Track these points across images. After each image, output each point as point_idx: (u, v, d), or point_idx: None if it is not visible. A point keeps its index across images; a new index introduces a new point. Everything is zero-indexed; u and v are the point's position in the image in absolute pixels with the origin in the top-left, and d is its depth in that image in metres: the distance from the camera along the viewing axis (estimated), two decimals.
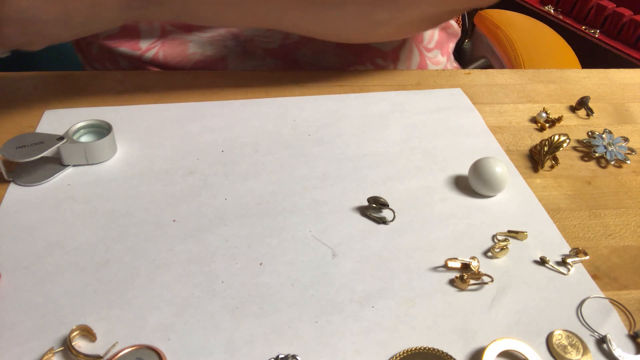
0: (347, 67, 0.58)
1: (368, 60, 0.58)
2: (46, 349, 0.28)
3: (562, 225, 0.38)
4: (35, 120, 0.45)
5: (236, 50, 0.55)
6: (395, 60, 0.59)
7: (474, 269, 0.33)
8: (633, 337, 0.30)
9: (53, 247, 0.33)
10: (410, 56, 0.60)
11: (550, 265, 0.34)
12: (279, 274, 0.32)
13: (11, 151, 0.37)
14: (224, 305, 0.30)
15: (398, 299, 0.31)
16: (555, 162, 0.43)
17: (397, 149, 0.44)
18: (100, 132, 0.42)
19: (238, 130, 0.45)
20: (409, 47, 0.60)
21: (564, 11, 1.33)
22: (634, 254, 0.36)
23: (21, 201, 0.37)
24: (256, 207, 0.37)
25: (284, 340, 0.29)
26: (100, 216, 0.36)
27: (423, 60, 0.62)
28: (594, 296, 0.32)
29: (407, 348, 0.28)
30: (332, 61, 0.57)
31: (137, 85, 0.51)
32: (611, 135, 0.46)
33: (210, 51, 0.55)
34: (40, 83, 0.51)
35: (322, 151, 0.43)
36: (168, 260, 0.33)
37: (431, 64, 0.63)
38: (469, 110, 0.50)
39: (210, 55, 0.55)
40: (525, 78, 0.57)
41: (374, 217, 0.37)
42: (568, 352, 0.29)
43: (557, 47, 0.88)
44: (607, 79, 0.58)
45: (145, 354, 0.27)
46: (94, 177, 0.39)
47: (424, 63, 0.62)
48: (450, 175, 0.41)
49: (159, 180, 0.39)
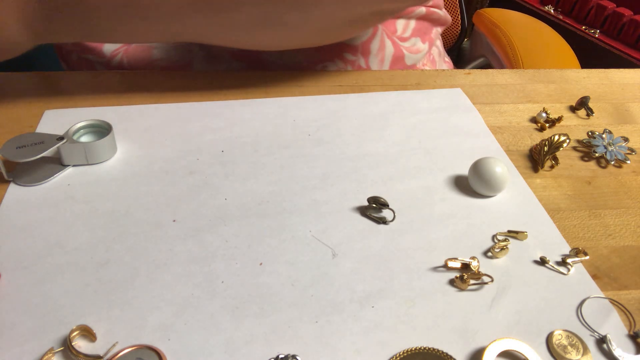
0: (315, 64, 0.56)
1: (336, 56, 0.57)
2: (46, 349, 0.28)
3: (562, 225, 0.38)
4: (35, 120, 0.45)
5: (201, 54, 0.55)
6: (366, 53, 0.57)
7: (474, 269, 0.33)
8: (633, 337, 0.30)
9: (53, 247, 0.33)
10: (382, 47, 0.58)
11: (550, 265, 0.34)
12: (279, 274, 0.32)
13: (11, 151, 0.37)
14: (224, 305, 0.30)
15: (398, 299, 0.31)
16: (555, 162, 0.43)
17: (397, 149, 0.44)
18: (100, 132, 0.42)
19: (238, 130, 0.45)
20: (380, 38, 0.58)
21: (564, 11, 1.33)
22: (634, 254, 0.36)
23: (21, 201, 0.37)
24: (256, 207, 0.37)
25: (284, 340, 0.29)
26: (100, 216, 0.36)
27: (398, 50, 0.60)
28: (594, 296, 0.32)
29: (407, 348, 0.28)
30: (298, 59, 0.56)
31: (137, 85, 0.51)
32: (611, 135, 0.46)
33: (175, 56, 0.54)
34: (40, 83, 0.51)
35: (322, 151, 0.43)
36: (168, 260, 0.33)
37: (409, 53, 0.61)
38: (469, 110, 0.50)
39: (176, 60, 0.55)
40: (525, 78, 0.57)
41: (374, 217, 0.37)
42: (568, 352, 0.29)
43: (557, 46, 0.88)
44: (607, 79, 0.58)
45: (145, 354, 0.27)
46: (94, 177, 0.39)
47: (399, 53, 0.60)
48: (450, 175, 0.41)
49: (159, 180, 0.39)
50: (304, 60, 0.56)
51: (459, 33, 0.98)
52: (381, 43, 0.58)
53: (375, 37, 0.57)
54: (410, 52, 0.61)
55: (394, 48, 0.59)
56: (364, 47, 0.57)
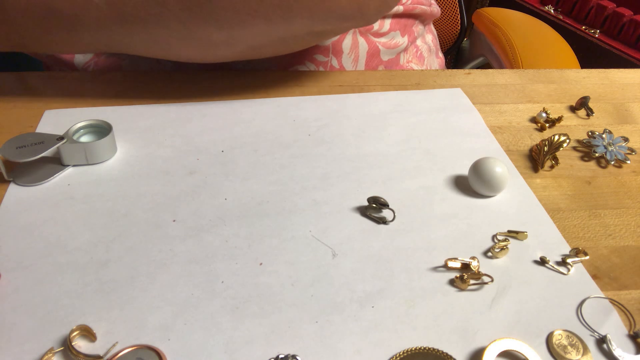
0: (285, 67, 0.56)
1: (306, 58, 0.56)
2: (46, 349, 0.28)
3: (562, 225, 0.38)
4: (35, 120, 0.45)
5: (169, 63, 0.54)
6: (338, 53, 0.56)
7: (474, 269, 0.33)
8: (633, 337, 0.30)
9: (53, 247, 0.33)
10: (355, 45, 0.57)
11: (550, 265, 0.34)
12: (279, 274, 0.32)
13: (11, 151, 0.37)
14: (224, 305, 0.30)
15: (398, 299, 0.31)
16: (555, 162, 0.43)
17: (397, 149, 0.44)
18: (100, 132, 0.42)
19: (238, 130, 0.45)
20: (352, 37, 0.56)
21: (564, 11, 1.33)
22: (634, 254, 0.36)
23: (21, 201, 0.37)
24: (256, 207, 0.37)
25: (284, 340, 0.29)
26: (100, 216, 0.36)
27: (373, 46, 0.58)
28: (594, 296, 0.32)
29: (407, 348, 0.28)
30: (268, 63, 0.55)
31: (137, 85, 0.51)
32: (611, 135, 0.46)
33: (144, 66, 0.54)
34: (40, 83, 0.51)
35: (322, 151, 0.43)
36: (168, 260, 0.33)
37: (384, 48, 0.59)
38: (469, 110, 0.50)
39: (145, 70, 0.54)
40: (525, 78, 0.57)
41: (374, 217, 0.37)
42: (568, 352, 0.29)
43: (557, 46, 0.88)
44: (607, 79, 0.58)
45: (145, 354, 0.27)
46: (94, 177, 0.39)
47: (374, 48, 0.58)
48: (450, 175, 0.41)
49: (159, 180, 0.39)
50: (273, 65, 0.55)
51: (459, 32, 0.98)
52: (354, 41, 0.57)
53: (347, 36, 0.56)
54: (387, 47, 0.59)
55: (368, 44, 0.58)
56: (335, 48, 0.56)
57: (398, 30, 0.60)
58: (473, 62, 1.00)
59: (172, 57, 0.46)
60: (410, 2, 0.60)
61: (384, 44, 0.59)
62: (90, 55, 0.54)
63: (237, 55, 0.46)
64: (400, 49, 0.61)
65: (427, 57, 0.68)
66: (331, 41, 0.55)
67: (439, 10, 0.67)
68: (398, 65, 0.62)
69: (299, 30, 0.43)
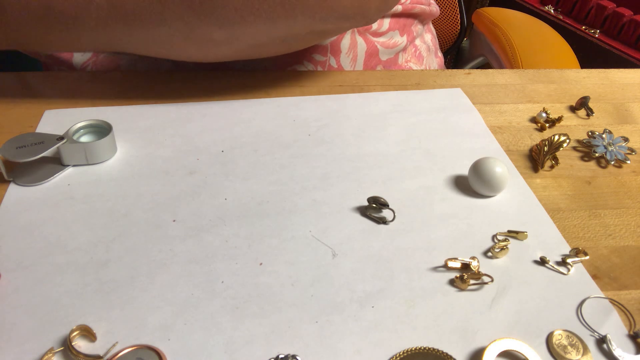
0: (283, 66, 0.55)
1: (304, 58, 0.56)
2: (46, 349, 0.28)
3: (562, 225, 0.38)
4: (35, 120, 0.45)
5: (168, 63, 0.54)
6: (336, 52, 0.56)
7: (474, 269, 0.33)
8: (633, 337, 0.30)
9: (53, 247, 0.33)
10: (354, 45, 0.57)
11: (550, 265, 0.34)
12: (279, 274, 0.32)
13: (11, 151, 0.37)
14: (224, 305, 0.30)
15: (398, 299, 0.31)
16: (555, 162, 0.43)
17: (397, 149, 0.44)
18: (100, 132, 0.42)
19: (238, 130, 0.45)
20: (351, 36, 0.56)
21: (564, 11, 1.33)
22: (634, 254, 0.36)
23: (21, 201, 0.37)
24: (256, 207, 0.37)
25: (284, 340, 0.29)
26: (100, 216, 0.36)
27: (372, 46, 0.58)
28: (594, 296, 0.32)
29: (407, 348, 0.28)
30: (266, 63, 0.55)
31: (137, 85, 0.51)
32: (611, 135, 0.46)
33: (142, 66, 0.54)
34: (40, 83, 0.51)
35: (322, 151, 0.43)
36: (168, 260, 0.33)
37: (383, 48, 0.59)
38: (469, 110, 0.50)
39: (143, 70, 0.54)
40: (525, 78, 0.57)
41: (374, 217, 0.37)
42: (568, 352, 0.29)
43: (557, 46, 0.88)
44: (607, 79, 0.58)
45: (145, 354, 0.27)
46: (94, 177, 0.39)
47: (373, 48, 0.58)
48: (450, 175, 0.41)
49: (159, 180, 0.39)
50: (270, 64, 0.55)
51: (459, 32, 0.98)
52: (352, 41, 0.57)
53: (345, 36, 0.56)
54: (385, 46, 0.59)
55: (367, 44, 0.58)
56: (333, 47, 0.56)
57: (397, 30, 0.60)
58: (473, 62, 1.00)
59: (173, 56, 0.46)
60: (410, 1, 0.60)
61: (382, 43, 0.59)
62: (88, 54, 0.54)
63: (238, 54, 0.46)
64: (399, 49, 0.61)
65: (426, 56, 0.68)
66: (329, 41, 0.55)
67: (438, 10, 0.67)
68: (397, 64, 0.62)
69: (300, 29, 0.42)
